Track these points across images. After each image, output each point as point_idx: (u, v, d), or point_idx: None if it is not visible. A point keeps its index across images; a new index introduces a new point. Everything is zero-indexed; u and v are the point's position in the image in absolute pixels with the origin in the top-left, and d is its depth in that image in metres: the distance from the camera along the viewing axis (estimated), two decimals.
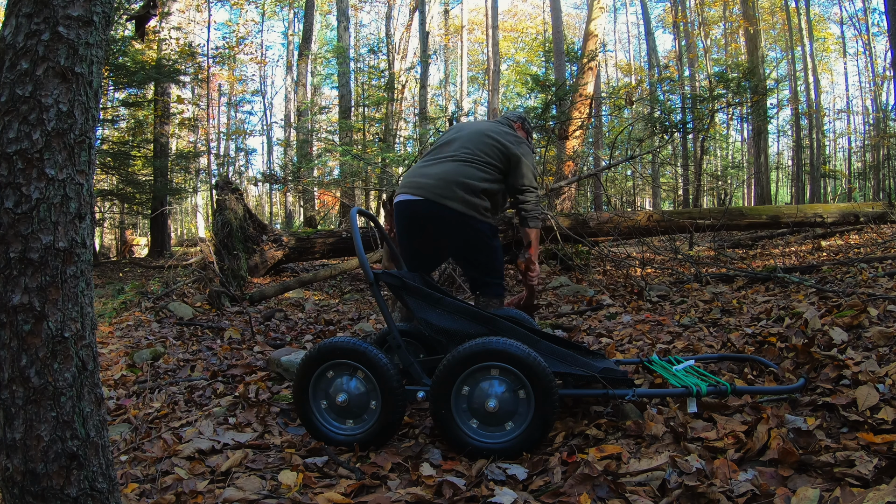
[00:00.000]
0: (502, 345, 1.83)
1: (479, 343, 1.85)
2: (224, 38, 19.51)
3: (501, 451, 1.82)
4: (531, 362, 1.81)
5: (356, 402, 2.00)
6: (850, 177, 20.07)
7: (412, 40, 17.41)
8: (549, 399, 1.80)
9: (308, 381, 2.03)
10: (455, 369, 1.85)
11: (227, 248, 5.75)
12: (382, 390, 1.94)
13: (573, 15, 28.85)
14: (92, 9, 1.12)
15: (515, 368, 1.82)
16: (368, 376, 1.97)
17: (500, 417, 1.85)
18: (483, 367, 1.85)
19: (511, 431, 1.84)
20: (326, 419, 2.03)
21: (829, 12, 23.25)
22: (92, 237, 1.19)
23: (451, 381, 1.86)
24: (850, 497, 1.26)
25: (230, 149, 21.69)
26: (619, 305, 4.18)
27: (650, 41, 19.89)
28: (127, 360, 3.27)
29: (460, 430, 1.86)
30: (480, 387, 1.86)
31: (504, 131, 2.72)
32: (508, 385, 1.85)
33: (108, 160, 10.89)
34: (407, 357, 2.05)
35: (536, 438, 1.82)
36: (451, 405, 1.87)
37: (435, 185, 2.53)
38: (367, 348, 1.96)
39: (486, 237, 2.61)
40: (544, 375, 1.81)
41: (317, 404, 2.04)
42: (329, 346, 2.01)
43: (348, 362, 1.99)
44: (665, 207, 18.76)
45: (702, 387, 1.91)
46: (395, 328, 2.09)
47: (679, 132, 9.14)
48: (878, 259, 4.48)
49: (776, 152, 25.65)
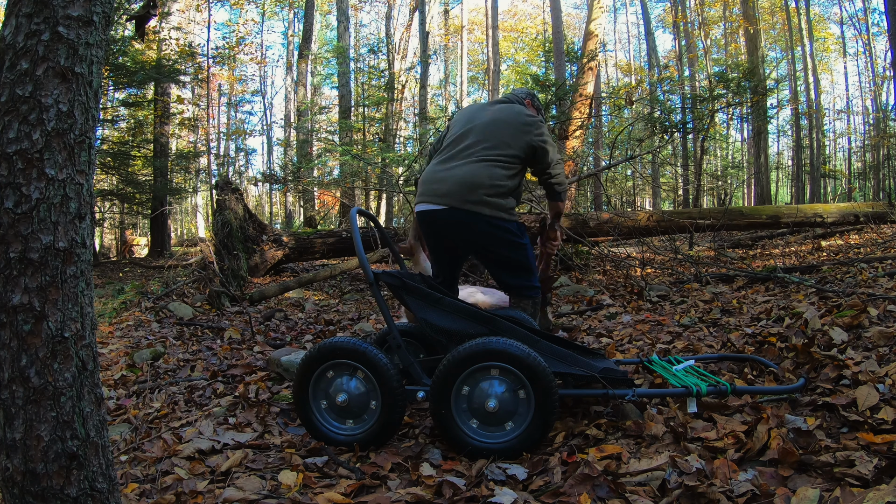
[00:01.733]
0: (502, 345, 1.83)
1: (479, 343, 1.85)
2: (224, 38, 19.54)
3: (501, 452, 1.82)
4: (531, 362, 1.81)
5: (356, 402, 2.00)
6: (850, 177, 20.08)
7: (412, 40, 17.42)
8: (549, 399, 1.80)
9: (308, 380, 2.03)
10: (455, 369, 1.85)
11: (227, 248, 5.75)
12: (382, 390, 1.94)
13: (573, 15, 28.86)
14: (92, 9, 1.12)
15: (515, 368, 1.82)
16: (368, 376, 1.97)
17: (500, 417, 1.85)
18: (483, 367, 1.85)
19: (511, 431, 1.84)
20: (326, 419, 2.03)
21: (829, 12, 23.27)
22: (92, 237, 1.19)
23: (452, 381, 1.86)
24: (850, 497, 1.26)
25: (230, 149, 21.72)
26: (619, 305, 4.18)
27: (650, 41, 19.89)
28: (127, 360, 3.27)
29: (460, 430, 1.86)
30: (480, 387, 1.87)
31: (520, 118, 2.54)
32: (508, 385, 1.85)
33: (108, 160, 10.90)
34: (407, 357, 2.05)
35: (536, 438, 1.82)
36: (451, 405, 1.87)
37: (458, 190, 2.39)
38: (367, 348, 1.96)
39: (517, 236, 2.50)
40: (544, 375, 1.81)
41: (317, 404, 2.04)
42: (329, 346, 2.01)
43: (348, 362, 2.00)
44: (665, 207, 18.75)
45: (702, 387, 1.91)
46: (394, 328, 2.09)
47: (679, 132, 9.14)
48: (878, 259, 4.48)
49: (776, 152, 25.66)
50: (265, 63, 23.41)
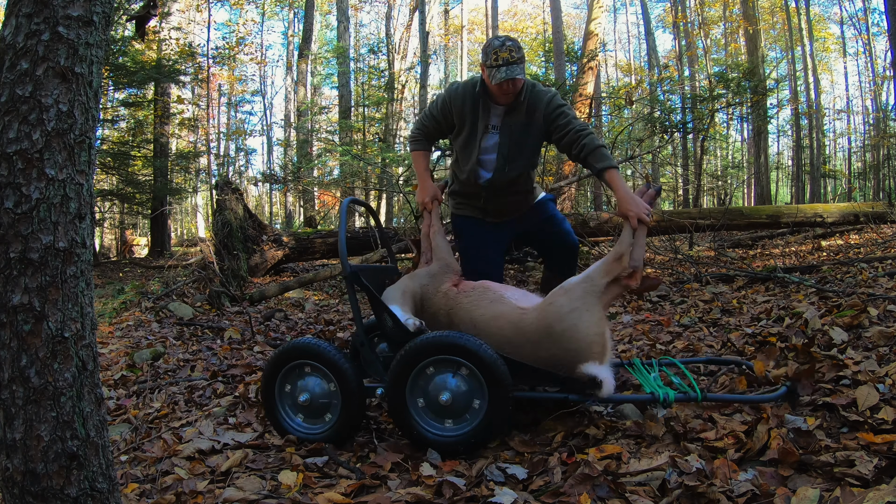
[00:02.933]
0: (452, 338, 1.86)
1: (432, 337, 1.88)
2: (224, 38, 19.50)
3: (455, 445, 1.85)
4: (484, 354, 1.83)
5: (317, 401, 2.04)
6: (850, 177, 20.07)
7: (412, 40, 17.41)
8: (502, 394, 1.82)
9: (274, 381, 2.08)
10: (409, 364, 1.89)
11: (227, 248, 5.75)
12: (343, 389, 1.98)
13: (573, 15, 28.83)
14: (92, 9, 1.12)
15: (469, 362, 1.84)
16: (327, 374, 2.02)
17: (454, 411, 1.88)
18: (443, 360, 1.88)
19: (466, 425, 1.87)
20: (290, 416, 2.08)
21: (829, 12, 23.24)
22: (92, 237, 1.19)
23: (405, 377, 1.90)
24: (850, 497, 1.26)
25: (230, 149, 21.67)
26: (619, 305, 4.18)
27: (650, 41, 19.88)
28: (127, 360, 3.27)
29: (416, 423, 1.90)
30: (435, 381, 1.90)
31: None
32: (463, 379, 1.88)
33: (108, 160, 10.89)
34: (370, 353, 2.08)
35: (490, 434, 1.86)
36: (406, 399, 1.90)
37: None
38: (324, 348, 2.00)
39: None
40: (496, 368, 1.82)
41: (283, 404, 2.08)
42: (291, 348, 2.05)
43: (309, 362, 2.03)
44: (665, 207, 18.75)
45: (670, 394, 1.86)
46: (360, 325, 2.11)
47: (679, 132, 9.15)
48: (878, 259, 4.48)
49: (776, 152, 25.65)
50: (265, 63, 23.39)
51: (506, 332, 2.01)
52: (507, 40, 2.31)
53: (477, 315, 2.09)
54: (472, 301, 2.13)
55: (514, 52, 2.27)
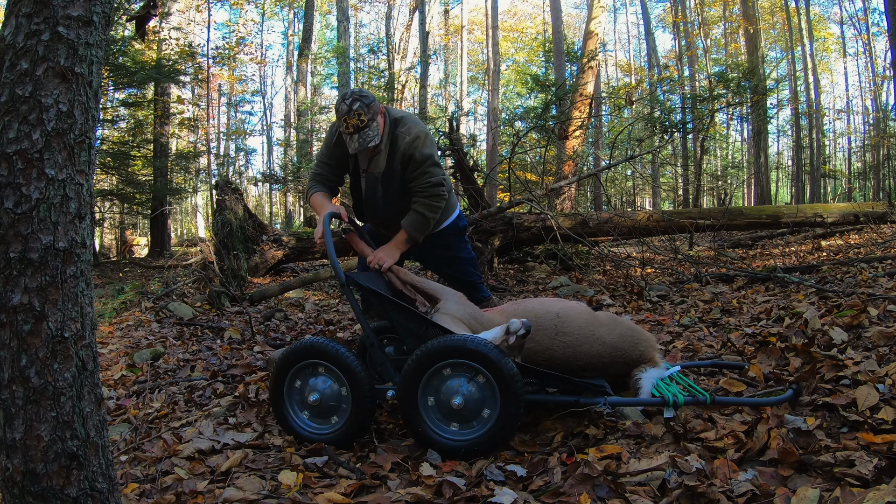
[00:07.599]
0: (462, 341, 1.85)
1: (445, 340, 1.87)
2: (224, 38, 19.49)
3: (457, 449, 1.84)
4: (495, 358, 1.81)
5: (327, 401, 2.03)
6: (850, 177, 20.08)
7: (412, 40, 17.42)
8: (514, 409, 1.80)
9: (283, 382, 2.06)
10: (421, 367, 1.87)
11: (227, 248, 5.75)
12: (355, 396, 1.97)
13: (573, 15, 28.86)
14: (92, 9, 1.12)
15: (481, 366, 1.83)
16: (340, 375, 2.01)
17: (467, 415, 1.86)
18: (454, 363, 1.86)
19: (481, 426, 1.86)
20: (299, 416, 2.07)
21: (829, 12, 23.27)
22: (92, 237, 1.19)
23: (417, 380, 1.88)
24: (850, 497, 1.26)
25: (230, 149, 21.67)
26: (619, 305, 4.18)
27: (650, 41, 19.88)
28: (127, 360, 3.27)
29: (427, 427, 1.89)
30: (448, 385, 1.88)
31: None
32: (474, 382, 1.86)
33: (108, 160, 10.88)
34: (380, 355, 2.07)
35: (505, 435, 1.84)
36: (418, 403, 1.89)
37: None
38: (342, 352, 1.98)
39: None
40: (514, 382, 1.80)
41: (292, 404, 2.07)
42: (309, 345, 2.04)
43: (324, 363, 2.02)
44: (665, 207, 18.75)
45: (679, 398, 1.86)
46: (367, 327, 2.11)
47: (679, 132, 9.15)
48: (878, 259, 4.48)
49: (776, 152, 25.65)
50: (265, 63, 23.42)
51: None
52: (353, 102, 2.34)
53: None
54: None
55: (364, 115, 2.32)
